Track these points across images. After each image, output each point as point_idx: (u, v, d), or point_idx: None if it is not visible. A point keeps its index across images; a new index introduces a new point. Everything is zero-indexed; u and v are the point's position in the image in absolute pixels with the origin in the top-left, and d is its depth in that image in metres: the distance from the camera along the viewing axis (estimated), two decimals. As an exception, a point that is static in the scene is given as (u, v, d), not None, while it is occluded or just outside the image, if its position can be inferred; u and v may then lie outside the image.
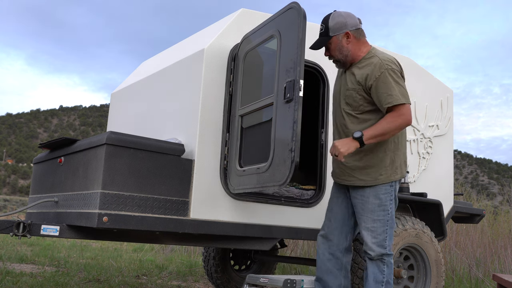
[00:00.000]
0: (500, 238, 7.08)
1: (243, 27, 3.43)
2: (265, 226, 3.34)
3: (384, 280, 2.79)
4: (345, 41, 2.86)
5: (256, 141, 3.05)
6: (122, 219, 2.77)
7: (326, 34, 2.88)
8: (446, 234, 4.14)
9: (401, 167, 2.89)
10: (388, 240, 2.82)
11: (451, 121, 4.72)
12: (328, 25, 2.87)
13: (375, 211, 2.81)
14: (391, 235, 2.84)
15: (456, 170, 18.64)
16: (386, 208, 2.81)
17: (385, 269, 2.79)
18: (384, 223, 2.80)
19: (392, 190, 2.84)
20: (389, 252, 2.82)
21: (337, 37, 2.86)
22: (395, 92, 2.70)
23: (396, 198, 2.88)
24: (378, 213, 2.81)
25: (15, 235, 2.81)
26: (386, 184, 2.83)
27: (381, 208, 2.81)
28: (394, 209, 2.86)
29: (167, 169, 2.97)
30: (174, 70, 3.56)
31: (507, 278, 3.74)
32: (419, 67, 4.54)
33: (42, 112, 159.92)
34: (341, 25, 2.86)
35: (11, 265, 5.90)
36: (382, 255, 2.80)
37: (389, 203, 2.82)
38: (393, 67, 2.77)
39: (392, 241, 2.85)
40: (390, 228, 2.83)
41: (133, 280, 5.35)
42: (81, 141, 3.13)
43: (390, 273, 2.82)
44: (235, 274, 4.70)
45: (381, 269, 2.80)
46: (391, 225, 2.83)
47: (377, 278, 2.79)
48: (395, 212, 2.87)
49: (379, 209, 2.81)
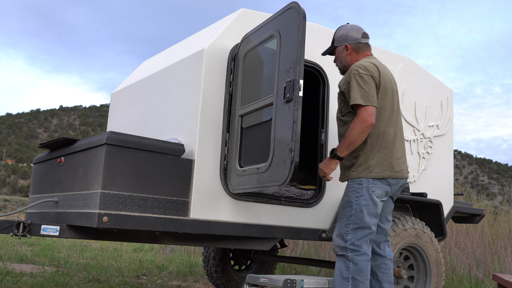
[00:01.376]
0: (500, 238, 7.08)
1: (243, 27, 3.43)
2: (265, 226, 3.34)
3: (349, 276, 2.85)
4: (344, 53, 3.15)
5: (256, 141, 3.05)
6: (122, 219, 2.77)
7: (332, 43, 3.23)
8: (446, 234, 4.14)
9: (377, 167, 2.95)
10: (351, 234, 2.89)
11: (451, 121, 4.73)
12: (334, 36, 3.22)
13: (343, 207, 3.00)
14: (356, 231, 2.89)
15: (456, 170, 18.65)
16: (351, 204, 2.94)
17: (350, 266, 2.86)
18: (348, 218, 2.93)
19: (361, 187, 2.94)
20: (350, 246, 2.87)
21: (339, 48, 3.19)
22: (355, 94, 2.90)
23: (367, 197, 2.92)
24: (346, 209, 2.97)
25: (15, 235, 2.81)
26: (355, 182, 2.97)
27: (348, 204, 2.97)
28: (364, 206, 2.91)
29: (167, 169, 2.97)
30: (174, 70, 3.56)
31: (507, 278, 3.74)
32: (419, 67, 4.54)
33: (42, 112, 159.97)
34: (343, 38, 3.16)
35: (11, 265, 5.90)
36: (342, 248, 2.89)
37: (354, 200, 2.94)
38: (360, 71, 2.94)
39: (358, 237, 2.88)
40: (354, 223, 2.90)
41: (133, 280, 5.35)
42: (81, 141, 3.13)
43: (357, 270, 2.85)
44: (235, 274, 4.70)
45: (347, 265, 2.88)
46: (356, 220, 2.90)
47: (343, 274, 2.88)
48: (370, 209, 2.92)
49: (346, 205, 2.97)
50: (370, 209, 2.92)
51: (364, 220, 2.90)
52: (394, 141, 3.02)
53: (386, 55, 4.28)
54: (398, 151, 3.04)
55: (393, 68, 4.29)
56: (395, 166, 3.00)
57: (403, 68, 4.38)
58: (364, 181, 2.94)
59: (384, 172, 2.96)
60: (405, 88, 4.36)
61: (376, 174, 2.94)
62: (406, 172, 3.07)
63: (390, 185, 2.99)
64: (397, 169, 3.00)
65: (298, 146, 2.64)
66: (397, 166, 3.00)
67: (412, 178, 4.31)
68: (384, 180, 2.95)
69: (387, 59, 4.26)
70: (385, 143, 3.00)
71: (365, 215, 2.90)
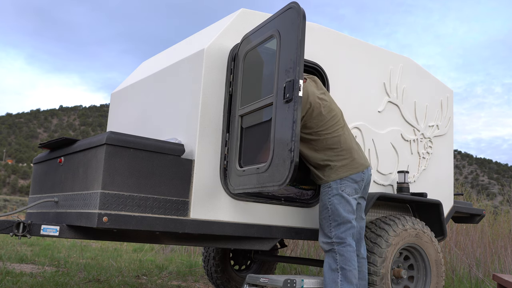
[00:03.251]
0: (500, 238, 7.08)
1: (243, 27, 3.43)
2: (265, 226, 3.34)
3: (338, 266, 3.04)
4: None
5: (256, 141, 3.05)
6: (122, 219, 2.77)
7: None
8: (446, 234, 4.14)
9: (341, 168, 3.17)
10: (334, 231, 3.08)
11: (451, 121, 4.73)
12: None
13: (320, 211, 3.21)
14: (338, 227, 3.08)
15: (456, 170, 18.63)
16: (326, 206, 3.16)
17: (337, 257, 3.05)
18: (327, 219, 3.14)
19: (331, 189, 3.15)
20: (336, 240, 3.07)
21: None
22: None
23: (338, 196, 3.12)
24: (323, 212, 3.18)
25: (15, 235, 2.80)
26: (325, 187, 3.19)
27: (324, 207, 3.18)
28: (338, 204, 3.11)
29: (167, 169, 2.97)
30: (174, 70, 3.56)
31: (507, 278, 3.74)
32: (419, 67, 4.54)
33: (42, 112, 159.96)
34: None
35: (11, 265, 5.90)
36: (328, 243, 3.09)
37: (328, 202, 3.15)
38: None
39: (341, 231, 3.07)
40: (334, 221, 3.10)
41: (133, 280, 5.35)
42: (81, 141, 3.13)
43: (344, 260, 3.03)
44: (235, 274, 4.70)
45: (334, 258, 3.07)
46: (335, 218, 3.10)
47: (331, 266, 3.06)
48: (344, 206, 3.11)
49: (323, 209, 3.18)
50: (344, 206, 3.11)
51: (342, 215, 3.09)
52: (345, 140, 3.23)
53: (386, 55, 4.28)
54: (352, 145, 3.24)
55: (393, 68, 4.30)
56: (355, 163, 3.20)
57: (403, 68, 4.38)
58: (332, 184, 3.14)
59: (349, 171, 3.17)
60: (405, 88, 4.36)
61: (344, 174, 3.14)
62: (365, 162, 3.26)
63: (357, 182, 3.18)
64: (356, 165, 3.20)
65: (298, 146, 2.64)
66: (356, 161, 3.21)
67: (412, 178, 4.31)
68: (349, 178, 3.15)
69: (387, 59, 4.27)
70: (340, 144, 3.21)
71: (341, 212, 3.09)
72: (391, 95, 4.25)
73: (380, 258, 3.40)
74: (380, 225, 3.56)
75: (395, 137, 4.23)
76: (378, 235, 3.50)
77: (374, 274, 3.38)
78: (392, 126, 4.21)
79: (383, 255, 3.41)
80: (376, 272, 3.36)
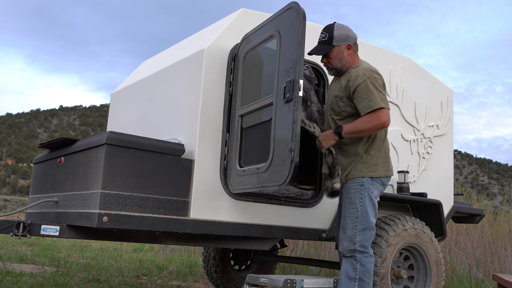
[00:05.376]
0: (500, 238, 7.08)
1: (243, 27, 3.43)
2: (265, 226, 3.34)
3: (356, 277, 2.89)
4: (346, 52, 3.09)
5: (256, 141, 3.05)
6: (122, 219, 2.77)
7: (329, 43, 3.07)
8: (446, 234, 4.14)
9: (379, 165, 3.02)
10: (359, 236, 2.92)
11: (451, 121, 4.73)
12: (332, 34, 3.06)
13: (346, 208, 3.01)
14: (363, 232, 2.93)
15: (456, 170, 18.59)
16: (355, 206, 2.96)
17: (357, 267, 2.90)
18: (354, 219, 2.95)
19: (363, 189, 2.97)
20: (359, 248, 2.91)
21: (340, 47, 3.08)
22: (375, 99, 2.90)
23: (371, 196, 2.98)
24: (349, 210, 2.98)
25: (15, 235, 2.80)
26: (356, 183, 2.99)
27: (351, 206, 2.98)
28: (368, 206, 2.96)
29: (167, 169, 2.97)
30: (174, 70, 3.56)
31: (507, 278, 3.74)
32: (419, 67, 4.54)
33: (42, 112, 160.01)
34: (344, 36, 3.08)
35: (11, 265, 5.90)
36: (351, 250, 2.92)
37: (358, 201, 2.96)
38: (375, 76, 2.98)
39: (366, 239, 2.93)
40: (361, 224, 2.93)
41: (133, 280, 5.35)
42: (81, 141, 3.13)
43: (364, 271, 2.89)
44: (235, 274, 4.70)
45: (354, 266, 2.91)
46: (362, 222, 2.94)
47: (349, 274, 2.91)
48: (372, 210, 3.00)
49: (349, 207, 2.99)
50: (372, 210, 2.98)
51: (370, 221, 2.95)
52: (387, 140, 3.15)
53: (386, 55, 4.28)
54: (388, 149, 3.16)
55: (393, 68, 4.30)
56: (390, 164, 3.11)
57: (403, 68, 4.38)
58: (365, 182, 2.98)
59: (387, 171, 3.05)
60: (405, 88, 4.36)
61: (380, 173, 3.01)
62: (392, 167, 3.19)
63: (383, 185, 3.08)
64: (390, 166, 3.11)
65: (298, 146, 2.64)
66: (390, 164, 3.13)
67: (412, 178, 4.31)
68: (379, 180, 3.03)
69: (387, 59, 4.27)
70: (384, 143, 3.10)
71: (370, 216, 2.95)
72: (391, 95, 4.25)
73: (380, 258, 3.40)
74: (380, 225, 3.56)
75: (395, 137, 4.23)
76: (378, 235, 3.49)
77: (374, 274, 3.38)
78: (392, 126, 4.21)
79: (383, 255, 3.41)
80: (376, 272, 3.36)
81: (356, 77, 2.96)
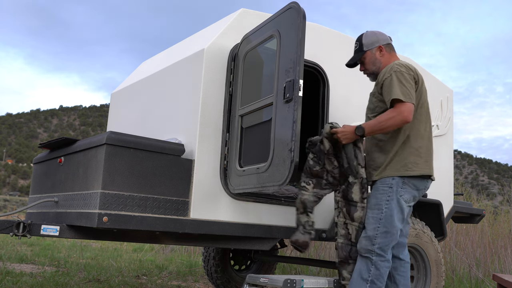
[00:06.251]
0: (500, 238, 7.08)
1: (243, 27, 3.43)
2: (265, 226, 3.34)
3: (369, 279, 2.83)
4: (378, 54, 3.10)
5: (256, 141, 3.05)
6: (122, 219, 2.77)
7: (360, 49, 3.13)
8: (446, 234, 4.14)
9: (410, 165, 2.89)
10: (380, 238, 2.84)
11: (451, 121, 4.72)
12: (362, 42, 3.13)
13: (371, 208, 2.93)
14: (385, 235, 2.85)
15: (456, 170, 18.58)
16: (380, 207, 2.89)
17: (372, 269, 2.83)
18: (377, 221, 2.87)
19: (392, 191, 2.87)
20: (377, 250, 2.83)
21: (371, 51, 3.10)
22: (395, 90, 2.83)
23: (399, 199, 2.87)
24: (373, 211, 2.91)
25: (15, 235, 2.80)
26: (385, 185, 2.90)
27: (376, 206, 2.90)
28: (394, 210, 2.86)
29: (167, 169, 2.97)
30: (174, 70, 3.56)
31: (507, 278, 3.74)
32: (419, 66, 4.54)
33: (42, 112, 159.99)
34: (374, 40, 3.11)
35: (11, 265, 5.90)
36: (368, 250, 2.84)
37: (385, 203, 2.88)
38: (402, 69, 2.91)
39: (386, 243, 2.84)
40: (384, 227, 2.85)
41: (133, 280, 5.35)
42: (81, 141, 3.13)
43: (378, 275, 2.82)
44: (235, 274, 4.70)
45: (368, 267, 2.84)
46: (386, 224, 2.85)
47: (363, 275, 2.85)
48: (399, 214, 2.88)
49: (375, 207, 2.91)
50: (399, 214, 2.88)
51: (394, 224, 2.86)
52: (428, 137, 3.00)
53: (386, 55, 4.27)
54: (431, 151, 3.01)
55: (393, 68, 4.29)
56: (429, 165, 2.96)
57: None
58: (394, 184, 2.88)
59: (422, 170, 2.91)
60: (405, 88, 4.35)
61: (414, 173, 2.88)
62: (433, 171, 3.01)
63: (418, 189, 2.94)
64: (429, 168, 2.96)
65: (298, 146, 2.64)
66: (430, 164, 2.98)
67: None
68: (411, 183, 2.90)
69: (387, 59, 4.26)
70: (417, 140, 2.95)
71: (394, 219, 2.86)
72: (391, 95, 4.24)
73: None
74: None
75: (395, 137, 4.23)
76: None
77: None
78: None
79: (383, 255, 3.40)
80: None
81: (384, 72, 2.95)
